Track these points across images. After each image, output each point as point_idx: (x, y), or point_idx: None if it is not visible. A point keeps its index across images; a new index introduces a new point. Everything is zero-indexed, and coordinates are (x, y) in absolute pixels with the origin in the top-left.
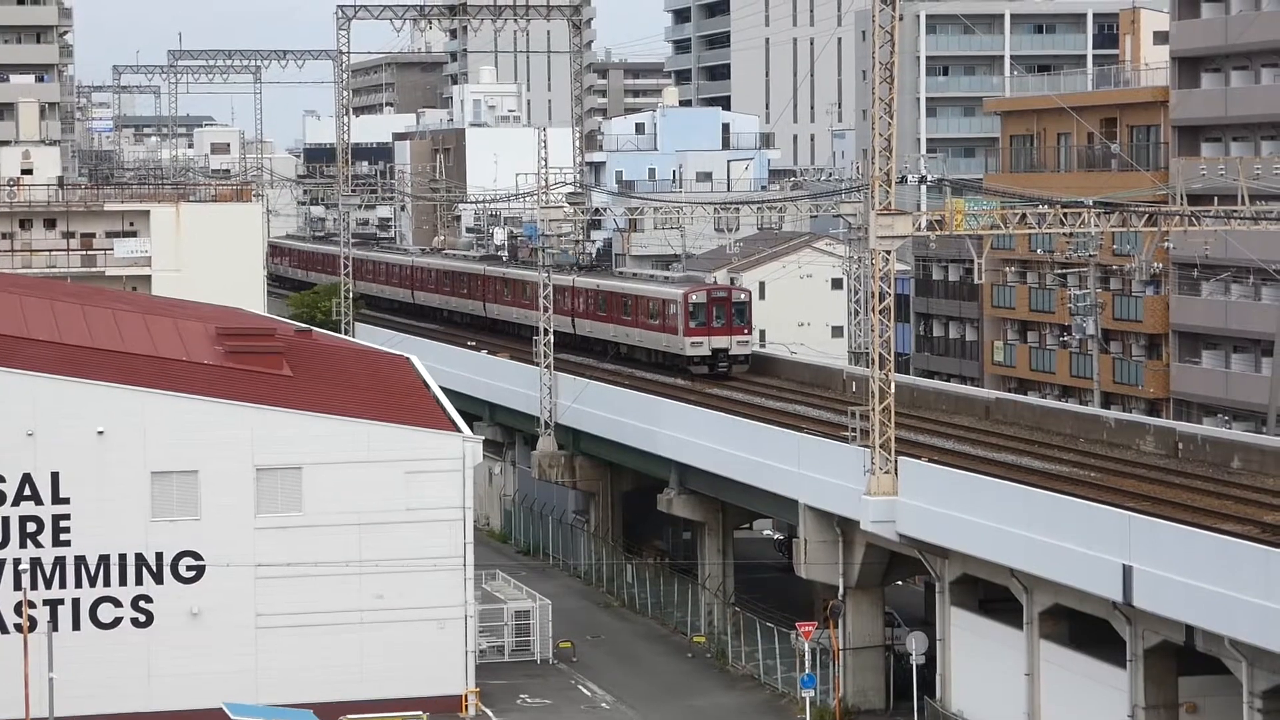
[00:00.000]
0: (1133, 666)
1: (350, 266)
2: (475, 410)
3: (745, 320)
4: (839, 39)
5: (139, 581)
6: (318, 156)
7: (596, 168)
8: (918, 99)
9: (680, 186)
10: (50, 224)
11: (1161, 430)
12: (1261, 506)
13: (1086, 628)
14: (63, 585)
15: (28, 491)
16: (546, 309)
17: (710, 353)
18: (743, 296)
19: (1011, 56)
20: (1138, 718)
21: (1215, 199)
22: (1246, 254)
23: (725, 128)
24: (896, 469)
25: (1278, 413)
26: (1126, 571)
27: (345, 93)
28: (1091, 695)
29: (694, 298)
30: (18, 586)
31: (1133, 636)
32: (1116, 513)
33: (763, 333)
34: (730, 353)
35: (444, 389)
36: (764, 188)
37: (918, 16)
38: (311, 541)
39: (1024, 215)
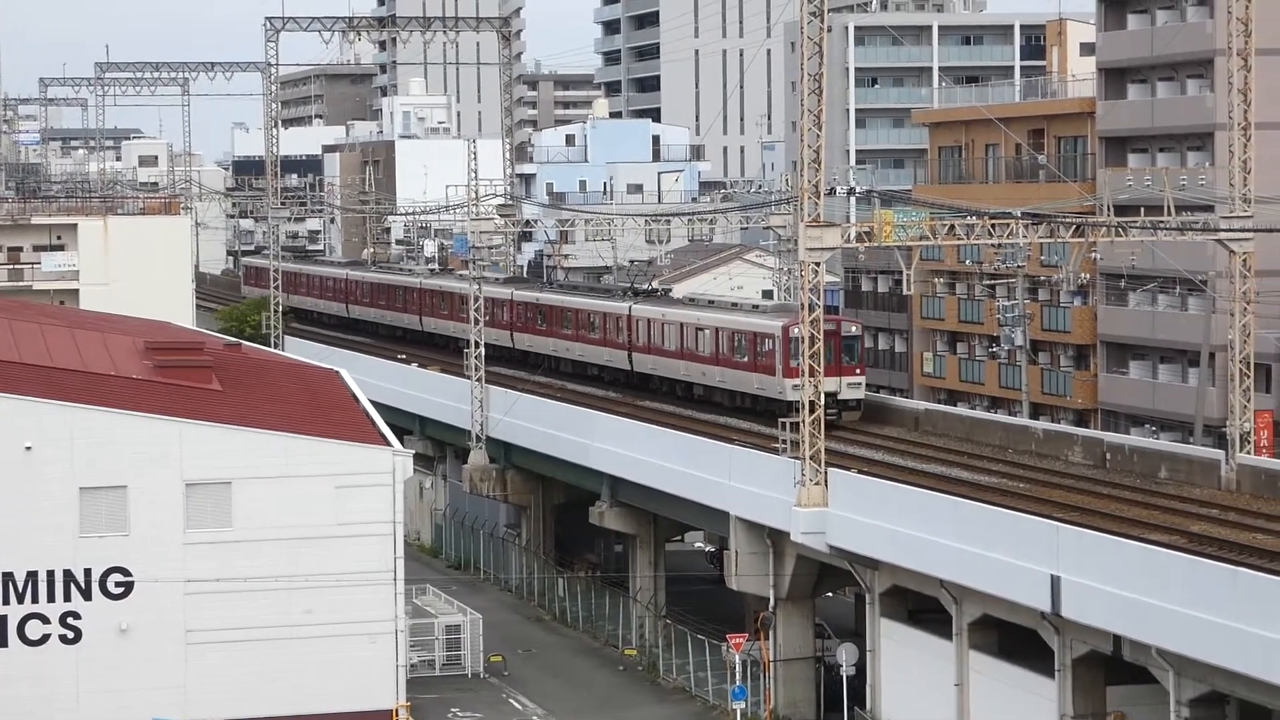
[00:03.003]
0: (1061, 676)
1: (280, 279)
2: (406, 424)
3: (856, 358)
4: (768, 50)
5: (67, 598)
6: (246, 169)
7: (527, 180)
8: (846, 110)
9: (611, 198)
10: None
11: (1089, 441)
12: (1188, 516)
13: (1015, 638)
14: None
15: None
16: (478, 321)
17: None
18: (853, 330)
19: (939, 68)
20: None
21: (1142, 210)
22: (1173, 265)
23: (655, 139)
24: (826, 480)
25: (1204, 423)
26: (1054, 581)
27: (273, 105)
28: (1020, 705)
29: (795, 331)
30: None
31: (1061, 646)
32: (1044, 523)
33: None
34: (840, 397)
35: (374, 402)
36: (694, 199)
37: (846, 28)
38: (241, 557)
39: (952, 226)
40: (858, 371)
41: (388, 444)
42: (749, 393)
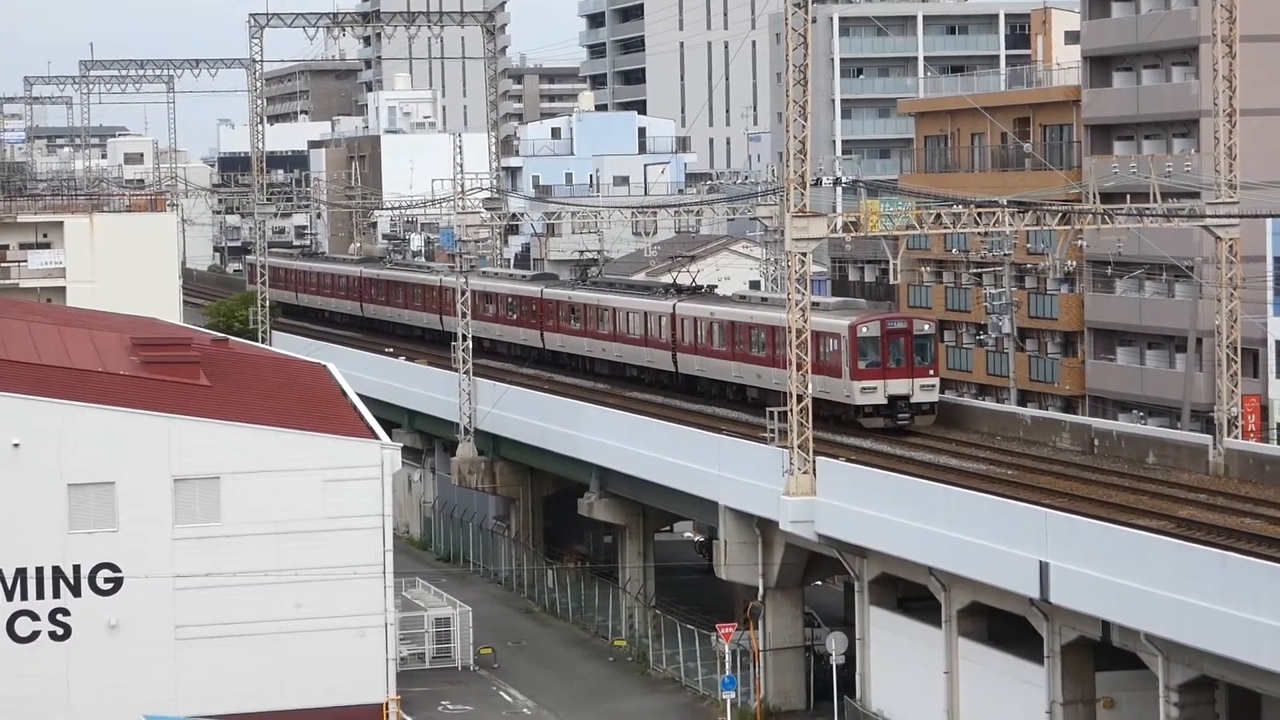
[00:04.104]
0: (1050, 663)
1: (267, 274)
2: (394, 417)
3: (929, 358)
4: (753, 42)
5: (56, 594)
6: (232, 165)
7: (513, 173)
8: (832, 101)
9: (597, 191)
10: None
11: (1077, 427)
12: (1176, 501)
13: (1004, 625)
14: None
15: None
16: (464, 315)
17: (886, 400)
18: (926, 328)
19: (925, 58)
20: (1055, 714)
21: (1128, 197)
22: (1159, 251)
23: (641, 132)
24: (815, 469)
25: (1191, 408)
26: (1043, 568)
27: (259, 101)
28: (1010, 692)
29: (864, 330)
30: None
31: (1050, 633)
32: (1033, 510)
33: None
34: (911, 400)
35: (361, 396)
36: (681, 191)
37: (831, 19)
38: (230, 552)
39: (939, 215)
40: (930, 373)
41: (376, 437)
42: (813, 397)
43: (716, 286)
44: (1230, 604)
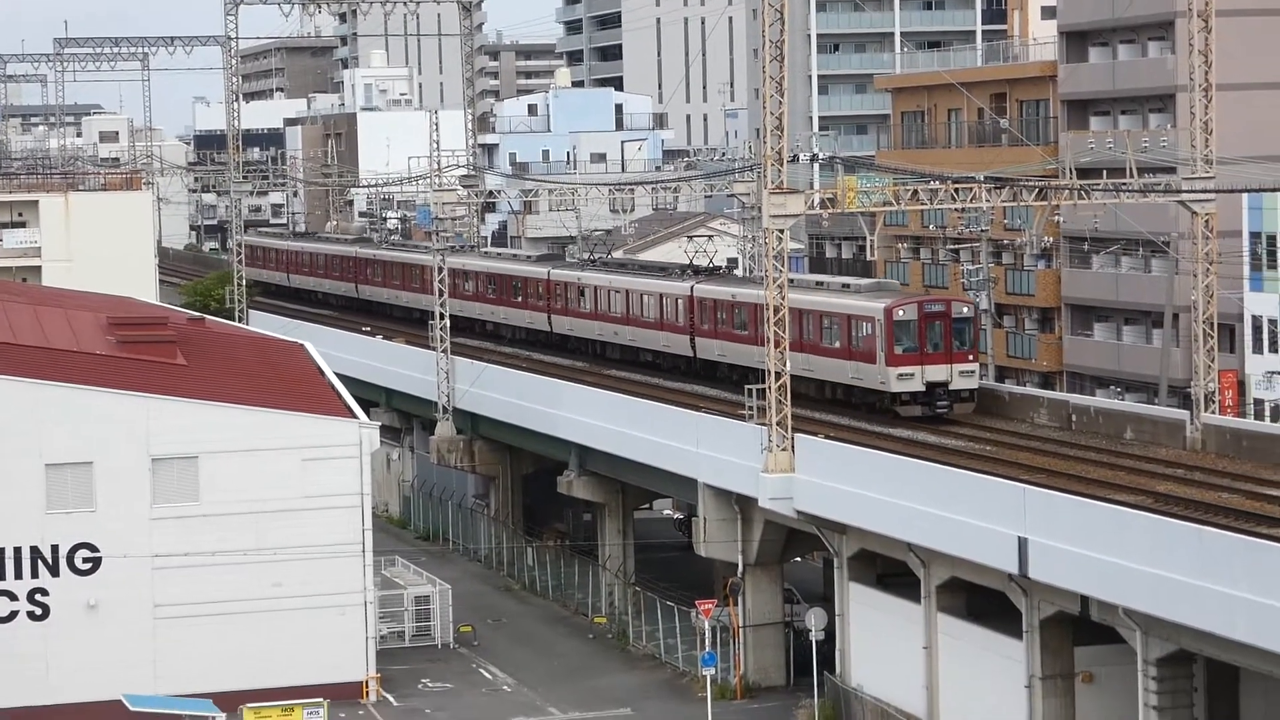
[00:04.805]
0: (1029, 637)
1: (243, 251)
2: (372, 396)
3: (968, 343)
4: (730, 18)
5: (35, 574)
6: (208, 143)
7: (490, 150)
8: (809, 77)
9: (574, 168)
10: None
11: (1055, 403)
12: (1153, 476)
13: (983, 600)
14: None
15: None
16: (442, 293)
17: (924, 387)
18: (965, 310)
19: (901, 33)
20: (1035, 688)
21: (1104, 172)
22: (1136, 227)
23: (618, 108)
24: (793, 446)
25: (1168, 384)
26: (1022, 543)
27: (234, 79)
28: (989, 667)
29: (900, 313)
30: None
31: (1029, 608)
32: (1011, 485)
33: None
34: (950, 387)
35: (339, 375)
36: (658, 168)
37: None
38: (209, 531)
39: (915, 192)
40: (970, 358)
41: (354, 416)
42: (842, 383)
43: (735, 268)
44: (1207, 578)
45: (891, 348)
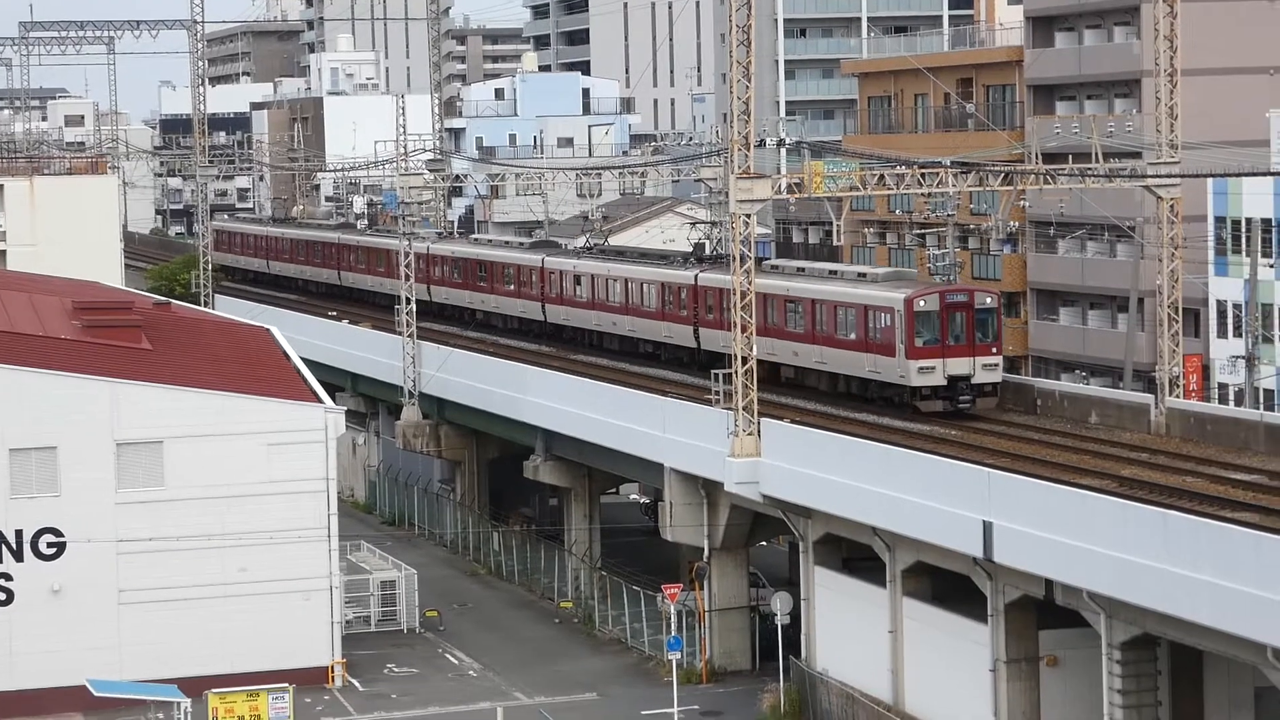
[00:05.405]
0: (994, 621)
1: (210, 235)
2: (338, 381)
3: (991, 335)
4: (696, 2)
5: None
6: (174, 128)
7: (456, 134)
8: (776, 61)
9: (541, 152)
10: None
11: (1020, 387)
12: (1118, 460)
13: (948, 584)
14: None
15: None
16: (408, 277)
17: (945, 381)
18: (988, 301)
19: (868, 18)
20: (999, 671)
21: (1070, 157)
22: (1101, 212)
23: (585, 93)
24: (759, 430)
25: (1133, 368)
26: (986, 527)
27: (200, 63)
28: (954, 650)
29: (921, 304)
30: None
31: (994, 591)
32: (976, 469)
33: None
34: (973, 381)
35: (305, 360)
36: (625, 152)
37: None
38: (174, 516)
39: (882, 176)
40: (994, 350)
41: (320, 401)
42: (859, 376)
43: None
44: (1171, 562)
45: (912, 340)
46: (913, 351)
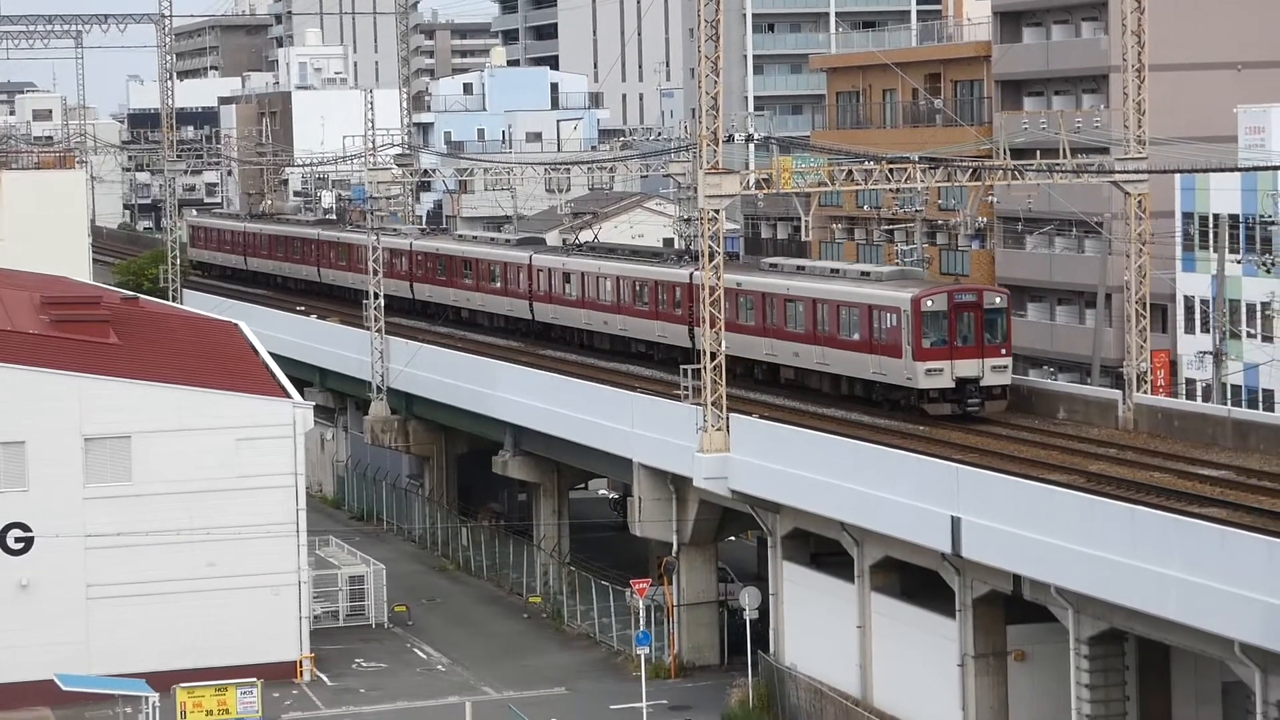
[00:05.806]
0: (962, 616)
1: (180, 232)
2: (306, 376)
3: (1000, 336)
4: None
5: None
6: (142, 122)
7: (425, 129)
8: (744, 56)
9: (510, 147)
10: None
11: None
12: (1086, 456)
13: (917, 579)
14: None
15: None
16: (376, 272)
17: (954, 384)
18: (998, 301)
19: (836, 13)
20: (967, 666)
21: (1038, 153)
22: (1069, 207)
23: (554, 87)
24: (728, 426)
25: (1101, 363)
26: (955, 523)
27: (168, 57)
28: (922, 645)
29: (929, 304)
30: None
31: (962, 587)
32: (944, 465)
33: None
34: (982, 383)
35: (273, 354)
36: (594, 148)
37: None
38: (142, 511)
39: (850, 172)
40: (1003, 351)
41: (288, 396)
42: (863, 378)
43: (737, 255)
44: (1139, 557)
45: (919, 341)
46: (920, 353)
